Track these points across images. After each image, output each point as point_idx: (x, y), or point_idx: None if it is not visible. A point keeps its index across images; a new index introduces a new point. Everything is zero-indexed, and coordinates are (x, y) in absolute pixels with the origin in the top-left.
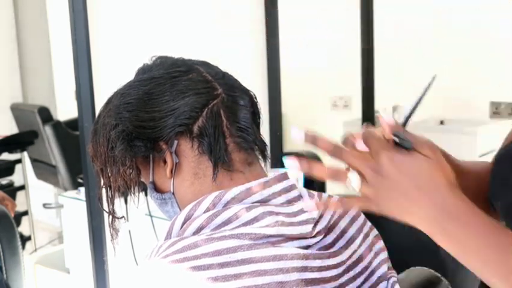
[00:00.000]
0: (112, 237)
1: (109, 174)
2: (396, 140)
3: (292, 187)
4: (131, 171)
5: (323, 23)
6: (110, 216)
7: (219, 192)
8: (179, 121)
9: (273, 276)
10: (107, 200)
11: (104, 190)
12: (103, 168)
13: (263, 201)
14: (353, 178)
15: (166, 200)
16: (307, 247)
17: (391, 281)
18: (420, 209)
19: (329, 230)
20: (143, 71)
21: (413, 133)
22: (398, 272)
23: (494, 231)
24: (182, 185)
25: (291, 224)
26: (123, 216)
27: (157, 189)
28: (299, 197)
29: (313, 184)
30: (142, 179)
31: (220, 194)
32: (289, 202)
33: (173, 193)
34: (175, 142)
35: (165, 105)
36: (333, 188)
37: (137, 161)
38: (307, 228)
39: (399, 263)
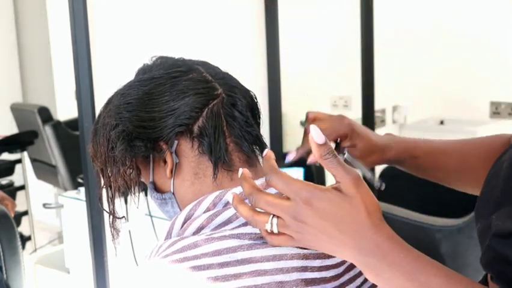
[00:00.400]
0: (112, 237)
1: (109, 174)
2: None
3: None
4: (131, 171)
5: (323, 23)
6: (111, 216)
7: (219, 192)
8: (180, 121)
9: (273, 276)
10: (108, 200)
11: (104, 190)
12: (103, 168)
13: None
14: (274, 223)
15: (166, 200)
16: None
17: None
18: (345, 249)
19: None
20: (144, 71)
21: (340, 161)
22: None
23: (418, 267)
24: (182, 185)
25: None
26: (123, 216)
27: (157, 189)
28: None
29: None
30: (142, 179)
31: (221, 194)
32: None
33: (173, 193)
34: (175, 142)
35: (165, 105)
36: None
37: (137, 161)
38: None
39: None
